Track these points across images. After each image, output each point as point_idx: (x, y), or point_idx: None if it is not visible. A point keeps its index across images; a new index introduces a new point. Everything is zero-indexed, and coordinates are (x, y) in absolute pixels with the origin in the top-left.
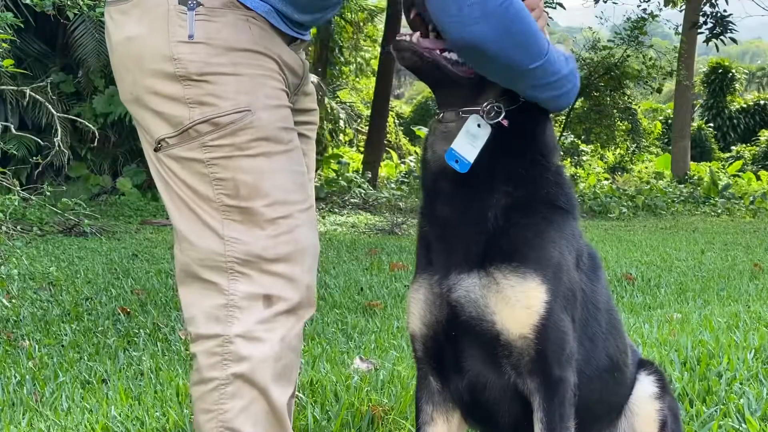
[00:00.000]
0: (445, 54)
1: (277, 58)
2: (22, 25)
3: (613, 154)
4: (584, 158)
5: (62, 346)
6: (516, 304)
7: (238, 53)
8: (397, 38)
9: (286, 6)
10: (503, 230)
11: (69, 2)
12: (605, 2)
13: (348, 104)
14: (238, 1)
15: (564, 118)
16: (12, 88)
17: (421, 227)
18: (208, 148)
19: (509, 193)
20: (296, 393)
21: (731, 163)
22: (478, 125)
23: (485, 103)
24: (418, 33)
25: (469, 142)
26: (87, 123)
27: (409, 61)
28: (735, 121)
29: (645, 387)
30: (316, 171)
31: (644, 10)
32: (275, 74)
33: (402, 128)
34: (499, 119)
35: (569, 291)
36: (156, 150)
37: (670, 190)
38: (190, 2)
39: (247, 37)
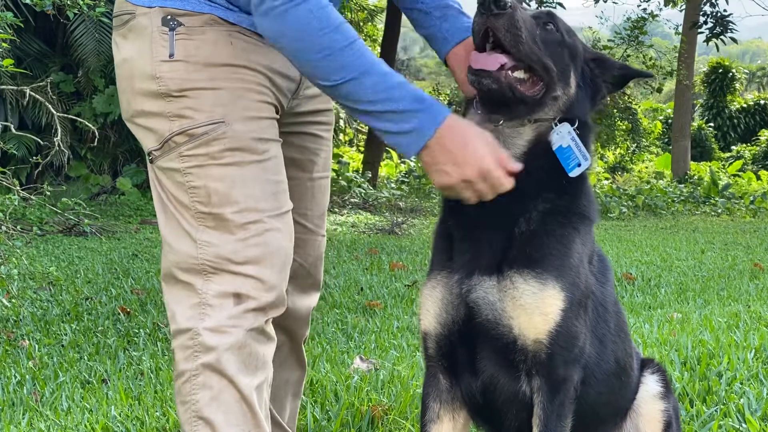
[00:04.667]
0: (516, 74)
1: (264, 69)
2: (22, 25)
3: (613, 154)
4: None
5: (62, 345)
6: (534, 310)
7: (216, 68)
8: (476, 67)
9: None
10: (532, 235)
11: (69, 2)
12: (605, 2)
13: None
14: (220, 18)
15: None
16: (12, 87)
17: (443, 222)
18: (184, 157)
19: (551, 200)
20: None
21: (731, 163)
22: (568, 132)
23: (558, 118)
24: (500, 58)
25: (576, 146)
26: (87, 123)
27: (487, 86)
28: (735, 120)
29: (650, 387)
30: None
31: (644, 9)
32: (258, 87)
33: None
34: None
35: (584, 296)
36: (150, 162)
37: (670, 189)
38: (171, 23)
39: (228, 52)
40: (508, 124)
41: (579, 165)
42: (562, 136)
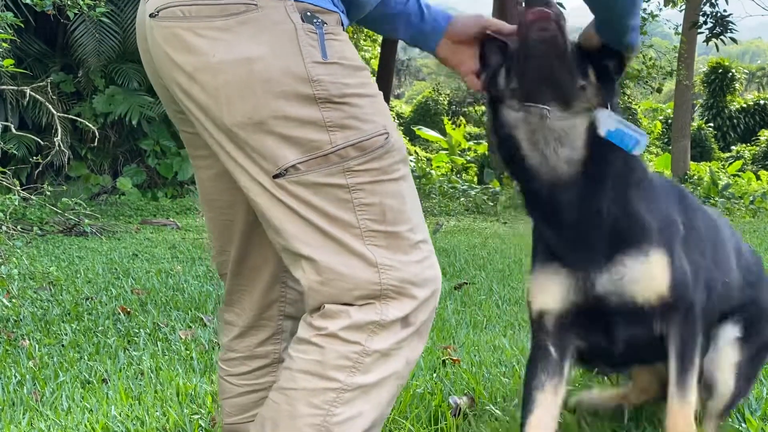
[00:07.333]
0: None
1: None
2: (22, 25)
3: None
4: None
5: (62, 345)
6: (649, 280)
7: (362, 72)
8: (547, 10)
9: None
10: (617, 218)
11: (69, 2)
12: None
13: None
14: (341, 20)
15: None
16: (12, 87)
17: (533, 223)
18: (353, 173)
19: (618, 182)
20: None
21: (731, 163)
22: (609, 115)
23: (598, 106)
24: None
25: (625, 126)
26: (87, 123)
27: (550, 34)
28: (735, 120)
29: (728, 332)
30: None
31: (644, 9)
32: None
33: (402, 128)
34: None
35: (677, 239)
36: (277, 176)
37: None
38: (315, 21)
39: (357, 54)
40: (558, 114)
41: (638, 142)
42: (606, 121)
